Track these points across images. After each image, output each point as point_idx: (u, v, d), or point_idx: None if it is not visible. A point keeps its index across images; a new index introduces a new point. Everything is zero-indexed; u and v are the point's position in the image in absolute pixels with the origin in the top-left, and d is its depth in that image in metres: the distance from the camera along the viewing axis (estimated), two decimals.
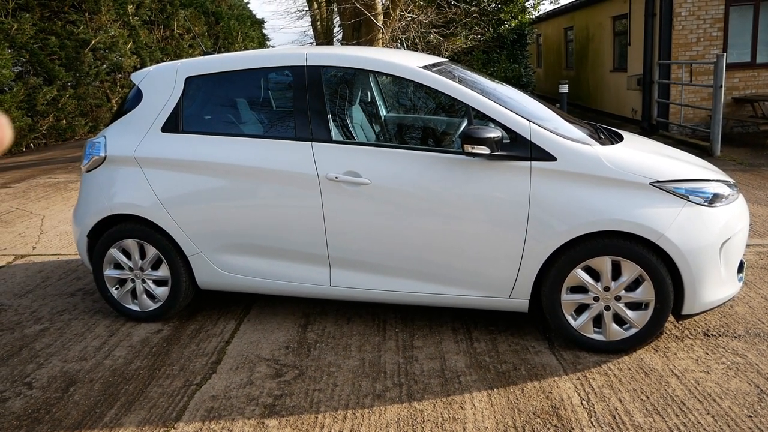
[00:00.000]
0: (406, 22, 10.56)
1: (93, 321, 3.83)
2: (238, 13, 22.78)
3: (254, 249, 3.46)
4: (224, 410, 2.76)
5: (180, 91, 3.56)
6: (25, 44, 12.20)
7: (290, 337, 3.48)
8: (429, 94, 4.29)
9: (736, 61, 10.14)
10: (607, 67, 13.14)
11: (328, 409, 2.73)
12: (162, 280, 3.67)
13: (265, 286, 3.51)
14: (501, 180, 3.06)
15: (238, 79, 3.55)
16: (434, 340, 3.36)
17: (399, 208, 3.18)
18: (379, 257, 3.28)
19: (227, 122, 3.58)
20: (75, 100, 13.59)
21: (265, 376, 3.05)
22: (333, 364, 3.14)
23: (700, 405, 2.66)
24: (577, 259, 3.03)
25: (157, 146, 3.53)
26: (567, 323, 3.15)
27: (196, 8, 19.20)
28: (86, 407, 2.84)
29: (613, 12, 12.53)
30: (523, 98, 3.61)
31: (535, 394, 2.80)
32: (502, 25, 13.12)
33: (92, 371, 3.18)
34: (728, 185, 3.19)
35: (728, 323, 3.43)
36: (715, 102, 8.30)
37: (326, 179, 3.24)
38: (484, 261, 3.15)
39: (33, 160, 11.20)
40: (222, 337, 3.50)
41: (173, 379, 3.06)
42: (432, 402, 2.76)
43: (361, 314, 3.74)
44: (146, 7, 16.33)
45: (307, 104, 3.35)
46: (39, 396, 2.96)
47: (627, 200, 2.95)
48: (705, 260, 2.96)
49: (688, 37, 10.07)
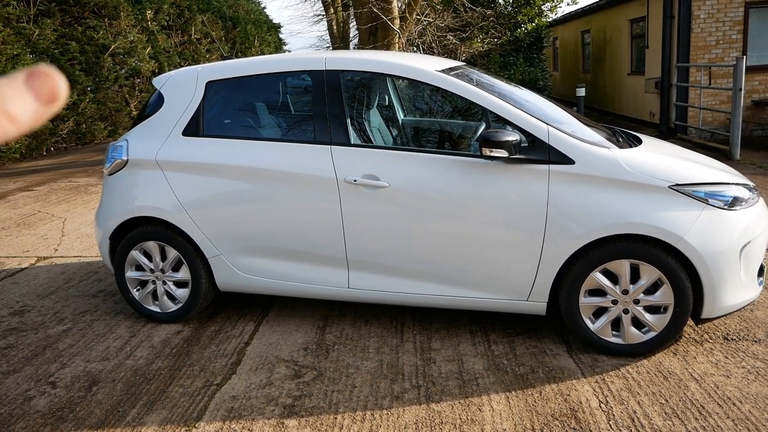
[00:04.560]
0: (422, 26, 10.60)
1: (114, 322, 3.89)
2: (254, 18, 22.96)
3: (273, 251, 3.50)
4: (244, 410, 2.80)
5: (201, 95, 3.62)
6: (46, 50, 12.42)
7: (309, 338, 3.51)
8: (447, 98, 4.31)
9: (756, 63, 10.03)
10: (625, 70, 13.06)
11: (347, 410, 2.76)
12: (182, 282, 3.73)
13: (284, 288, 3.54)
14: (519, 183, 3.06)
15: (258, 83, 3.60)
16: (452, 342, 3.37)
17: (417, 211, 3.20)
18: (398, 260, 3.30)
19: (247, 126, 3.63)
20: (94, 104, 13.79)
21: (285, 377, 3.08)
22: (351, 366, 3.16)
23: (719, 409, 2.64)
24: (596, 262, 3.03)
25: (178, 150, 3.59)
26: (585, 326, 3.14)
27: (213, 13, 19.40)
28: (109, 406, 2.89)
29: (631, 15, 12.45)
30: (540, 101, 3.62)
31: (553, 396, 2.80)
32: (519, 28, 13.10)
33: (114, 371, 3.23)
34: (748, 188, 3.17)
35: (748, 327, 3.40)
36: (735, 105, 8.22)
37: (345, 182, 3.27)
38: (502, 264, 3.15)
39: (53, 163, 11.38)
40: (241, 339, 3.55)
41: (194, 380, 3.10)
42: (450, 404, 2.77)
43: (378, 316, 3.76)
44: (164, 13, 16.53)
45: (326, 108, 3.38)
46: (63, 395, 3.02)
47: (646, 203, 2.94)
48: (725, 264, 2.94)
49: (706, 39, 9.98)
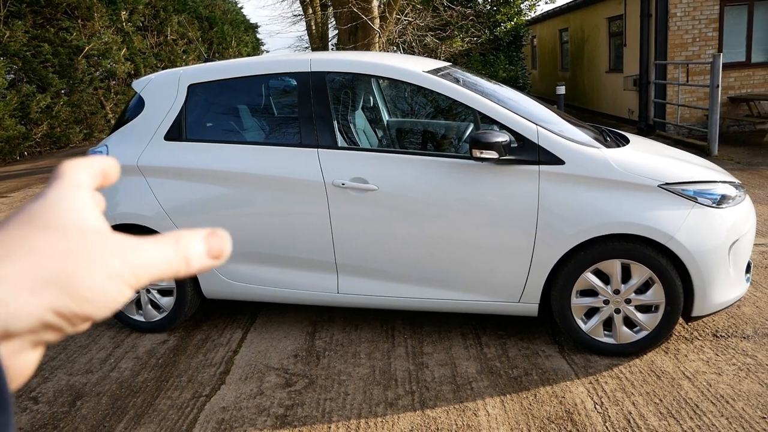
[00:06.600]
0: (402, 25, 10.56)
1: (97, 332, 3.79)
2: (231, 18, 22.72)
3: (260, 257, 3.43)
4: (235, 422, 2.73)
5: (183, 98, 3.53)
6: (17, 52, 12.13)
7: (298, 345, 3.45)
8: (435, 99, 4.28)
9: (732, 60, 10.18)
10: (603, 68, 13.18)
11: (341, 419, 2.71)
12: (167, 290, 3.64)
13: (272, 295, 3.48)
14: (509, 184, 3.04)
15: (241, 86, 3.53)
16: (444, 346, 3.34)
17: (407, 214, 3.16)
18: (388, 263, 3.26)
19: (231, 130, 3.56)
20: (69, 107, 13.51)
21: (275, 386, 3.02)
22: (343, 372, 3.11)
23: (713, 407, 2.65)
24: (587, 263, 3.02)
25: (160, 155, 3.50)
26: (577, 327, 3.13)
27: (189, 14, 19.15)
28: (94, 421, 2.81)
29: (608, 13, 12.56)
30: (526, 101, 3.60)
31: (548, 399, 2.79)
32: (498, 27, 13.14)
33: (99, 384, 3.14)
34: (734, 186, 3.19)
35: (736, 324, 3.42)
36: (712, 102, 8.32)
37: (333, 186, 3.22)
38: (493, 266, 3.13)
39: (28, 168, 11.12)
40: (229, 347, 3.47)
41: (182, 391, 3.02)
42: (445, 409, 2.74)
43: (368, 321, 3.71)
44: (139, 13, 16.27)
45: (312, 110, 3.33)
46: (45, 411, 2.92)
47: (636, 203, 2.94)
48: (715, 262, 2.95)
49: (683, 37, 10.11)
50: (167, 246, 0.37)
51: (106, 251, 0.35)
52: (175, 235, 0.38)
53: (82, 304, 0.34)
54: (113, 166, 0.42)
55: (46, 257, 0.33)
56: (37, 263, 0.33)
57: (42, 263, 0.33)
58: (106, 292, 0.34)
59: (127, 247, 0.36)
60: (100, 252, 0.35)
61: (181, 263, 0.38)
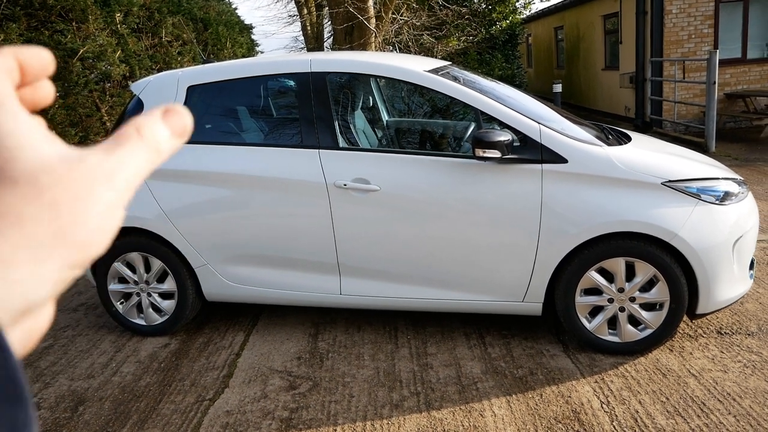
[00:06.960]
0: (398, 24, 10.54)
1: (98, 337, 3.76)
2: (226, 20, 22.64)
3: (262, 259, 3.41)
4: (240, 426, 2.71)
5: (182, 100, 3.51)
6: None
7: (301, 347, 3.43)
8: (436, 99, 4.26)
9: (727, 57, 10.20)
10: (599, 65, 13.19)
11: (347, 421, 2.69)
12: (168, 293, 3.61)
13: (274, 297, 3.46)
14: (512, 183, 3.03)
15: (241, 87, 3.50)
16: (447, 346, 3.32)
17: (409, 214, 3.14)
18: (390, 264, 3.24)
19: (231, 131, 3.53)
20: (64, 110, 13.45)
21: (279, 389, 3.00)
22: (347, 374, 3.09)
23: (720, 405, 2.64)
24: (591, 261, 3.01)
25: None
26: (581, 326, 3.12)
27: (184, 15, 19.09)
28: (98, 427, 2.78)
29: (604, 11, 12.57)
30: (527, 100, 3.59)
31: (554, 399, 2.77)
32: (494, 25, 13.13)
33: (101, 389, 3.12)
34: (737, 183, 3.18)
35: (740, 320, 3.42)
36: (709, 98, 8.33)
37: (335, 187, 3.20)
38: (496, 265, 3.11)
39: None
40: (232, 350, 3.45)
41: (185, 395, 3.00)
42: (451, 410, 2.72)
43: (371, 322, 3.70)
44: (134, 15, 16.20)
45: (312, 111, 3.31)
46: (48, 416, 2.90)
47: (639, 201, 2.93)
48: (719, 259, 2.95)
49: (679, 34, 10.12)
50: (137, 148, 0.34)
51: (90, 186, 0.32)
52: (135, 129, 0.35)
53: (88, 249, 0.32)
54: (32, 53, 0.36)
55: (34, 223, 0.30)
56: (28, 232, 0.30)
57: (33, 230, 0.30)
58: (106, 227, 0.33)
59: (106, 169, 0.33)
60: (84, 191, 0.32)
61: (154, 158, 0.35)
